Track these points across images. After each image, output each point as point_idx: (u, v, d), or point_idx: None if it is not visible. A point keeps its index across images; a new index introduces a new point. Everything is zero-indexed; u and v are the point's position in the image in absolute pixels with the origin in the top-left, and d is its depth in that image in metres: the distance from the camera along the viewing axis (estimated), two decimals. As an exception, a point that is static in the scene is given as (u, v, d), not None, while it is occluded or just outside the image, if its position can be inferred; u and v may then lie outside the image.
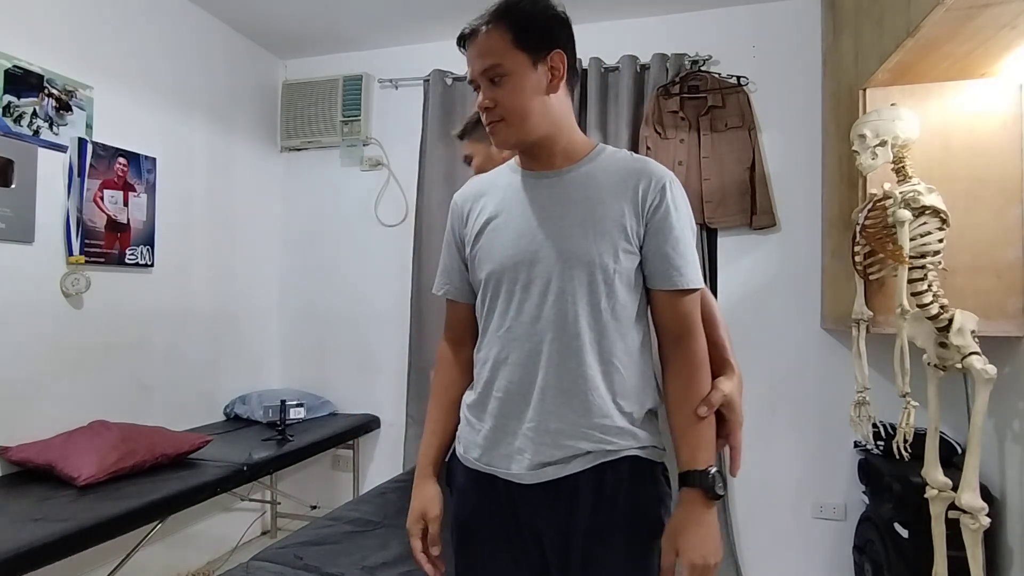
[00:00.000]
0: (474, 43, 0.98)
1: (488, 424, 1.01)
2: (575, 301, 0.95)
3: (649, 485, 0.99)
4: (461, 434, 1.07)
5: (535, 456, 0.96)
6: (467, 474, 1.04)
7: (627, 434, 0.97)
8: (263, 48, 3.00)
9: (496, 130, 0.99)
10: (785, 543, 2.44)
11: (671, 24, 2.60)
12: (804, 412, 2.44)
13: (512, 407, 0.98)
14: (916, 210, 1.62)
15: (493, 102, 0.97)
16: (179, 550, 2.46)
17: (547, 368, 0.96)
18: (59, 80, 2.03)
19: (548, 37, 0.97)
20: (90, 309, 2.13)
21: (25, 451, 1.84)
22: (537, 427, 0.96)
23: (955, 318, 1.57)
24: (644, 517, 0.98)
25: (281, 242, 3.12)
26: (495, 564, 1.02)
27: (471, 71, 0.99)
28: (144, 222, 2.33)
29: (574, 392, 0.95)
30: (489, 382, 1.01)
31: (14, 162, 1.89)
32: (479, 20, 0.98)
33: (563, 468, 0.95)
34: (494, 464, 0.99)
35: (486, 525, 1.02)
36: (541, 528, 0.98)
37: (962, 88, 1.79)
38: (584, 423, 0.95)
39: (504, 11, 0.96)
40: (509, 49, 0.95)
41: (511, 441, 0.98)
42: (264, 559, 1.50)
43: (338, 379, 2.99)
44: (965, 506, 1.51)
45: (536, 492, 0.97)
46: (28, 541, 1.39)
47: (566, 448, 0.95)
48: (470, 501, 1.04)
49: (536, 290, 0.97)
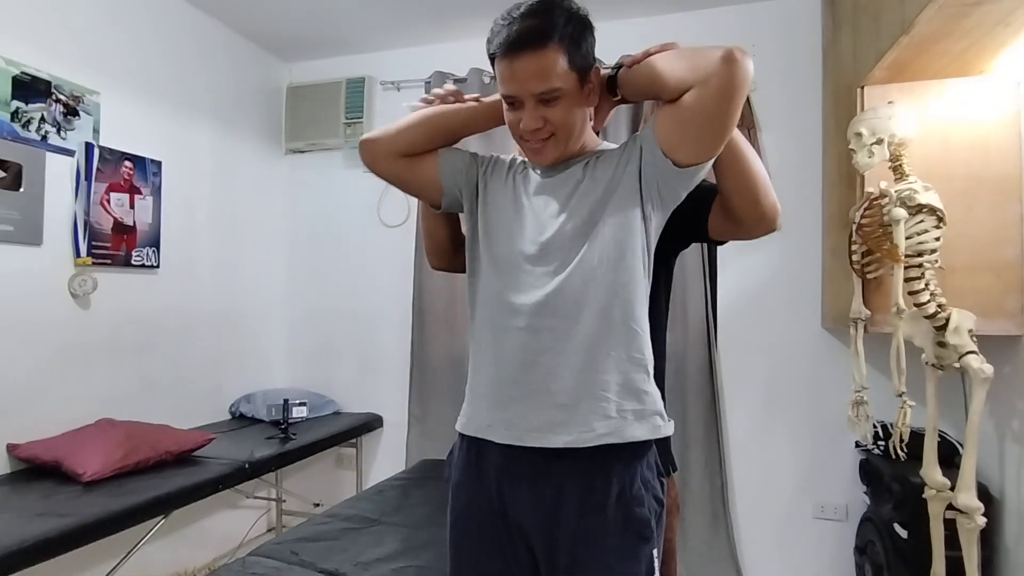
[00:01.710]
0: (523, 60, 0.92)
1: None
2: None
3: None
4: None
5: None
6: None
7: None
8: (267, 52, 3.04)
9: (543, 148, 0.99)
10: (786, 544, 2.43)
11: (669, 24, 2.60)
12: (805, 412, 2.43)
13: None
14: (912, 208, 1.61)
15: (543, 121, 0.96)
16: (186, 547, 2.50)
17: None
18: (66, 86, 2.07)
19: (591, 54, 0.97)
20: (97, 309, 2.17)
21: (33, 448, 1.88)
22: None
23: (952, 317, 1.56)
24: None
25: (285, 243, 3.16)
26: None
27: (516, 88, 0.95)
28: (150, 224, 2.37)
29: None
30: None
31: (23, 166, 1.93)
32: (523, 34, 0.91)
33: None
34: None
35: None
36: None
37: (960, 86, 1.78)
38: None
39: (554, 29, 0.92)
40: (565, 71, 0.93)
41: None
42: (261, 554, 1.53)
43: (341, 378, 3.02)
44: (961, 506, 1.50)
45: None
46: (34, 535, 1.42)
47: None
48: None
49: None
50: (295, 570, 1.45)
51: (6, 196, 1.88)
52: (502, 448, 1.00)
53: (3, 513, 1.56)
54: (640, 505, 0.97)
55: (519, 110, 0.97)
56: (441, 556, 1.50)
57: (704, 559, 2.39)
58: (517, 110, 0.97)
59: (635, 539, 0.97)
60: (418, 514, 1.87)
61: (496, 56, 0.95)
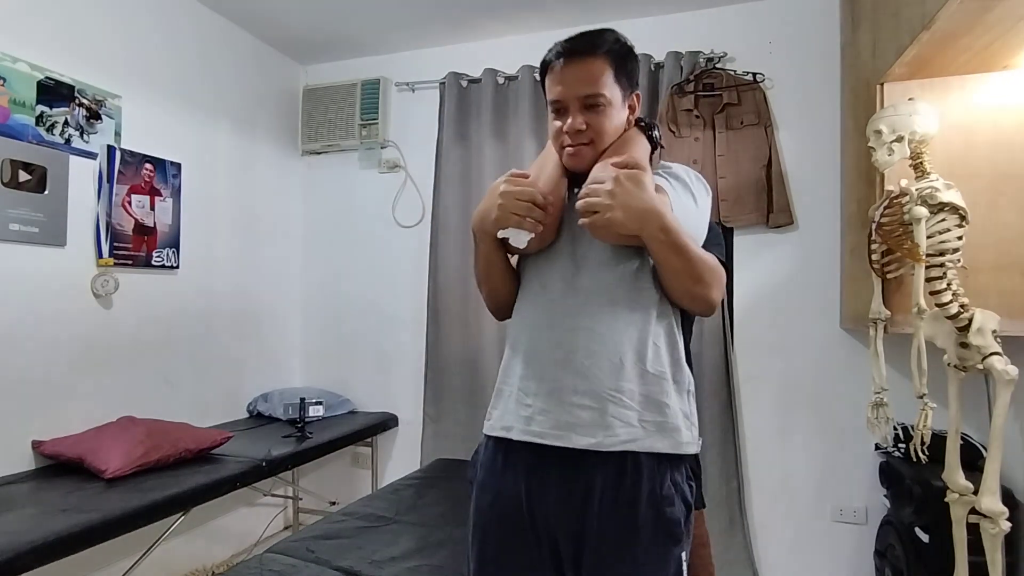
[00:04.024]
0: (576, 67, 1.02)
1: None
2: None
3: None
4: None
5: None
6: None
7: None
8: (283, 54, 3.07)
9: (581, 152, 1.05)
10: (804, 547, 2.40)
11: (685, 22, 2.58)
12: (824, 413, 2.39)
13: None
14: (933, 207, 1.58)
15: (586, 125, 1.03)
16: (204, 543, 2.53)
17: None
18: (89, 90, 2.12)
19: (635, 77, 1.08)
20: (119, 309, 2.22)
21: (57, 445, 1.92)
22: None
23: (975, 317, 1.53)
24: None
25: (302, 244, 3.19)
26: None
27: (565, 92, 1.03)
28: (170, 225, 2.41)
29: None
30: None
31: (47, 169, 1.98)
32: (576, 46, 1.03)
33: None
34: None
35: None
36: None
37: (983, 81, 1.75)
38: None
39: (602, 43, 1.03)
40: (611, 82, 1.03)
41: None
42: (278, 552, 1.55)
43: (357, 378, 3.05)
44: (985, 510, 1.47)
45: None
46: (58, 531, 1.46)
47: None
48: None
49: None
50: (311, 567, 1.46)
51: (31, 198, 1.93)
52: (528, 446, 1.01)
53: (28, 508, 1.60)
54: (671, 505, 0.97)
55: (564, 116, 1.05)
56: (456, 555, 1.51)
57: (720, 562, 2.35)
58: (562, 116, 1.05)
59: (665, 539, 0.97)
60: (433, 513, 1.88)
61: (550, 64, 1.05)
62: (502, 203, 1.02)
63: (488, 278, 1.13)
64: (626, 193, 0.93)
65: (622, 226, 0.94)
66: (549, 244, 1.07)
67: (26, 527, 1.46)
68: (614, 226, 0.94)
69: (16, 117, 1.90)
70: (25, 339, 1.92)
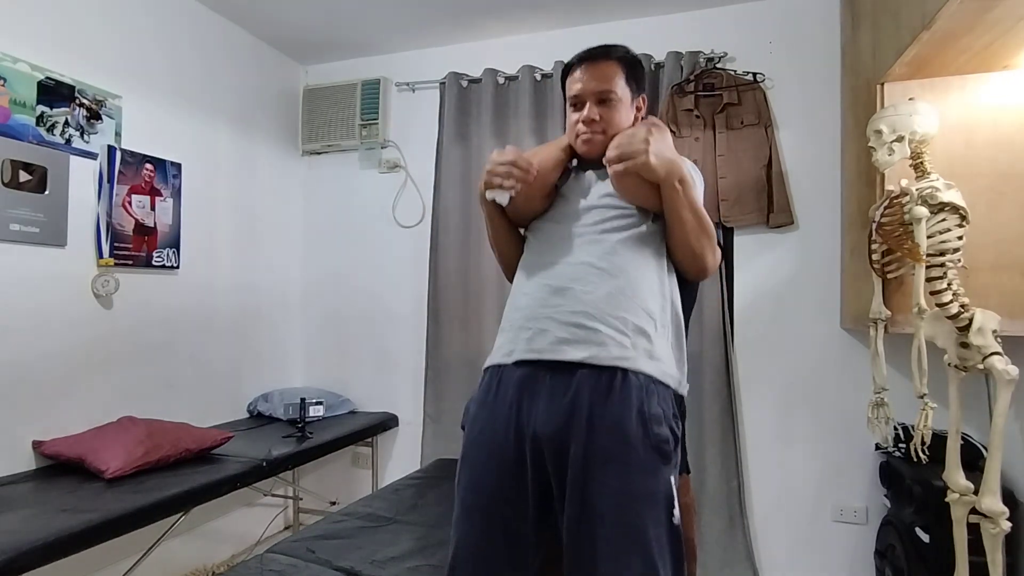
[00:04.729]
0: (593, 68, 1.21)
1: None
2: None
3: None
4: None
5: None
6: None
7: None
8: (284, 54, 3.07)
9: (594, 139, 1.21)
10: (804, 547, 2.40)
11: (685, 22, 2.58)
12: (824, 413, 2.39)
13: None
14: (934, 207, 1.58)
15: (599, 116, 1.20)
16: (204, 544, 2.53)
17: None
18: (89, 90, 2.12)
19: (642, 83, 1.27)
20: (119, 309, 2.22)
21: (57, 445, 1.92)
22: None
23: (975, 317, 1.53)
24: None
25: (302, 244, 3.19)
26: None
27: (582, 88, 1.21)
28: (170, 225, 2.41)
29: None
30: None
31: (48, 169, 1.98)
32: (594, 51, 1.23)
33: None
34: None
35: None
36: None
37: (984, 81, 1.74)
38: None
39: (615, 51, 1.23)
40: (622, 83, 1.22)
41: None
42: (278, 552, 1.55)
43: (357, 378, 3.05)
44: (986, 510, 1.47)
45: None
46: (58, 531, 1.45)
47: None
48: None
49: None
50: (312, 567, 1.46)
51: (32, 199, 1.93)
52: (522, 365, 1.09)
53: (28, 508, 1.60)
54: (659, 425, 1.02)
55: (580, 110, 1.22)
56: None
57: (720, 561, 2.36)
58: (579, 110, 1.22)
59: (656, 456, 1.00)
60: (433, 513, 1.88)
61: (571, 67, 1.25)
62: (487, 169, 1.18)
63: (495, 239, 1.30)
64: (659, 142, 1.06)
65: (653, 172, 1.05)
66: (547, 208, 1.24)
67: (26, 527, 1.46)
68: (647, 170, 1.05)
69: (16, 117, 1.90)
70: (25, 339, 1.92)
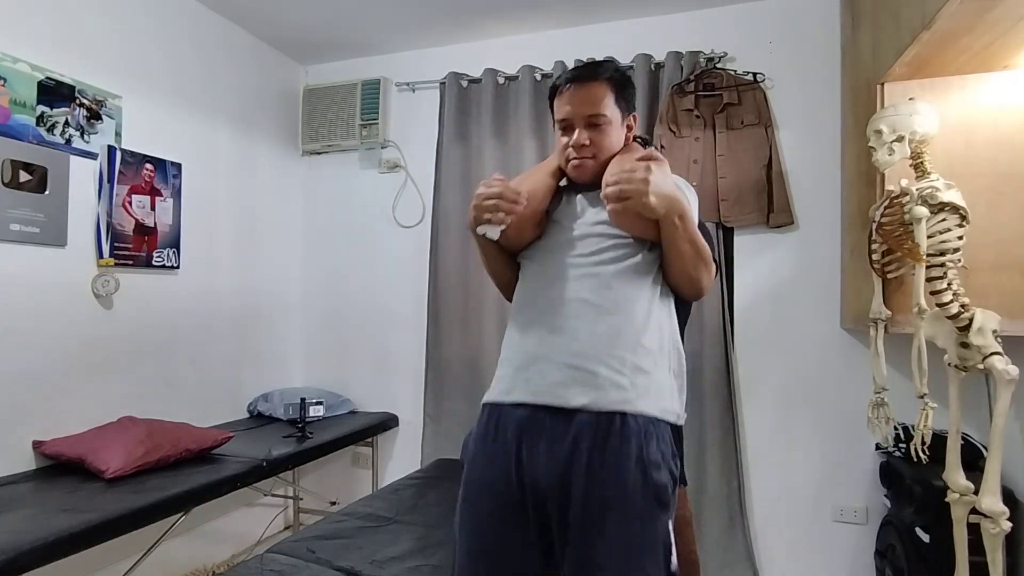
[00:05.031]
0: (581, 90, 1.17)
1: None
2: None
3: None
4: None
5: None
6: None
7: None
8: (284, 55, 3.07)
9: (585, 164, 1.19)
10: (804, 547, 2.40)
11: (686, 22, 2.58)
12: (824, 413, 2.39)
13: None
14: (934, 207, 1.58)
15: (590, 140, 1.17)
16: (204, 543, 2.53)
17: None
18: (89, 90, 2.12)
19: (631, 102, 1.24)
20: (119, 309, 2.22)
21: (57, 445, 1.92)
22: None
23: (975, 317, 1.53)
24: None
25: (302, 244, 3.19)
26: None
27: (572, 112, 1.18)
28: (170, 225, 2.41)
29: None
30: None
31: (48, 169, 1.98)
32: (581, 73, 1.20)
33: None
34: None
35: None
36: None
37: (984, 81, 1.74)
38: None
39: (604, 72, 1.19)
40: (611, 104, 1.18)
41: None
42: (278, 552, 1.55)
43: (357, 378, 3.05)
44: (986, 510, 1.47)
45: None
46: (58, 531, 1.45)
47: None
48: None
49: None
50: (312, 567, 1.46)
51: (32, 199, 1.93)
52: (521, 407, 1.07)
53: (28, 508, 1.60)
54: (658, 470, 1.01)
55: (570, 133, 1.19)
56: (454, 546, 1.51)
57: (720, 562, 2.36)
58: (568, 134, 1.19)
59: (653, 503, 1.00)
60: (433, 513, 1.88)
61: (559, 88, 1.21)
62: (474, 204, 1.16)
63: (490, 267, 1.28)
64: (658, 181, 1.04)
65: (652, 210, 1.04)
66: (538, 236, 1.21)
67: (27, 527, 1.46)
68: (647, 209, 1.04)
69: (17, 117, 1.90)
70: (26, 339, 1.92)
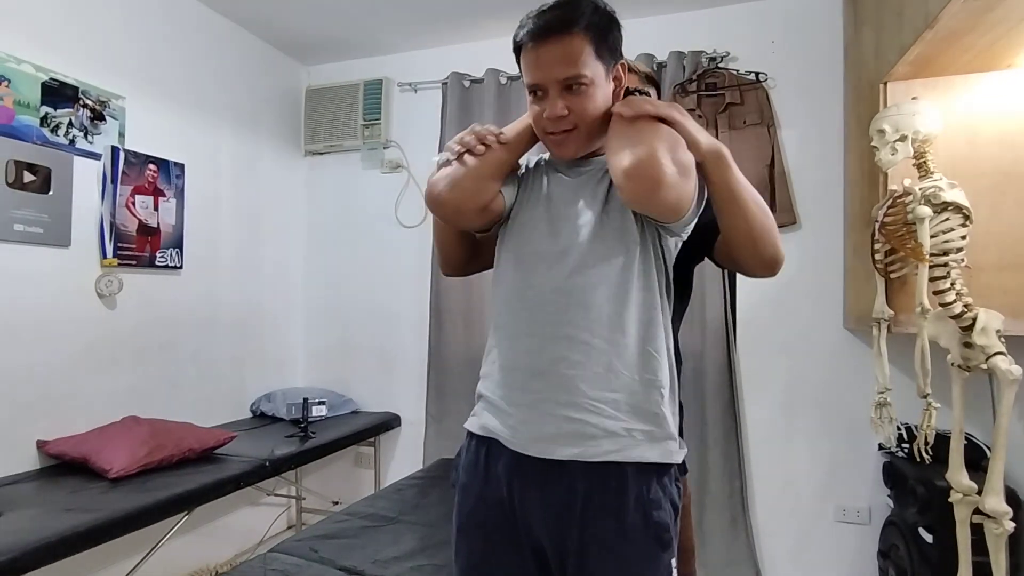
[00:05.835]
0: (549, 47, 0.91)
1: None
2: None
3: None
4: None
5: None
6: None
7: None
8: (286, 55, 3.08)
9: (564, 140, 0.97)
10: (807, 547, 2.39)
11: (688, 21, 2.58)
12: (827, 413, 2.39)
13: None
14: (937, 206, 1.58)
15: (567, 110, 0.93)
16: (208, 543, 2.54)
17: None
18: (93, 91, 2.12)
19: (617, 48, 0.96)
20: (123, 309, 2.22)
21: (61, 445, 1.93)
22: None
23: (979, 317, 1.52)
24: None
25: (305, 244, 3.20)
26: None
27: (541, 75, 0.93)
28: (173, 226, 2.42)
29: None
30: None
31: (52, 170, 1.98)
32: (550, 22, 0.91)
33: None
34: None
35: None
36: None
37: (986, 80, 1.74)
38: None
39: (580, 17, 0.91)
40: (591, 59, 0.92)
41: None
42: (281, 551, 1.55)
43: (360, 378, 3.05)
44: (989, 510, 1.46)
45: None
46: (62, 530, 1.46)
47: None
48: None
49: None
50: (314, 567, 1.47)
51: (36, 199, 1.94)
52: (510, 451, 0.98)
53: (33, 508, 1.61)
54: (658, 508, 0.93)
55: (543, 100, 0.95)
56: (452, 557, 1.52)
57: (723, 561, 2.36)
58: (541, 101, 0.95)
59: (655, 545, 0.93)
60: (435, 513, 1.88)
61: (523, 45, 0.95)
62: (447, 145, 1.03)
63: (438, 234, 1.18)
64: (675, 151, 0.86)
65: (677, 207, 0.87)
66: (515, 226, 1.03)
67: (30, 526, 1.47)
68: (671, 207, 0.88)
69: (21, 118, 1.90)
70: (29, 339, 1.93)
